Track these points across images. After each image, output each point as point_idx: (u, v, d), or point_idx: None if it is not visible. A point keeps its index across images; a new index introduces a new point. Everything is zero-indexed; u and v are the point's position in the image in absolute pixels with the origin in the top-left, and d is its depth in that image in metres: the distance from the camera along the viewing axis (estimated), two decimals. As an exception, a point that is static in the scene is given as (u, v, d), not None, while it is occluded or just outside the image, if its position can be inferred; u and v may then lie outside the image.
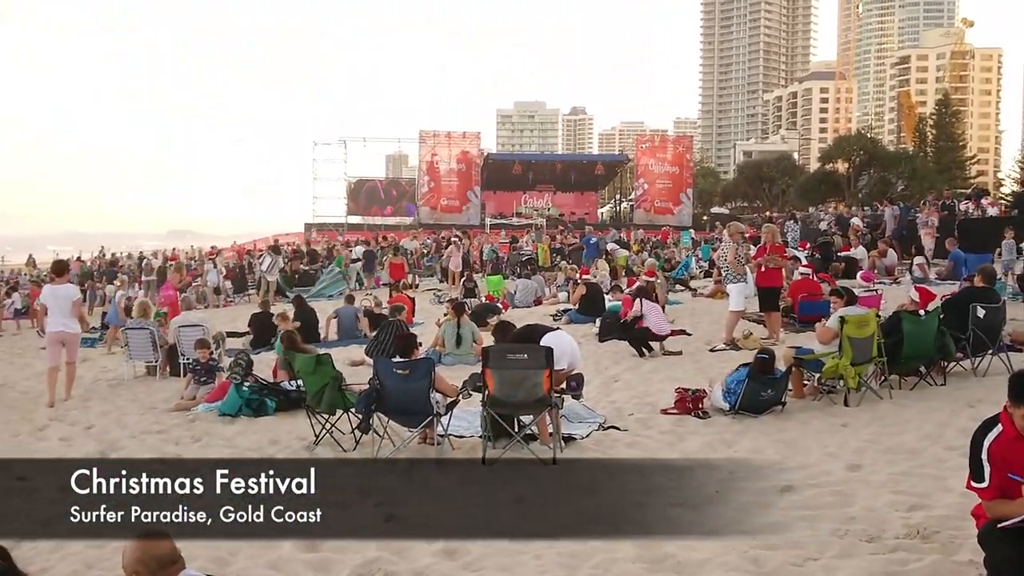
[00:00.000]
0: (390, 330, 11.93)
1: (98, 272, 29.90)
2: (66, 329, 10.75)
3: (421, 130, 51.21)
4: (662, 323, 12.41)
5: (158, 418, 9.64)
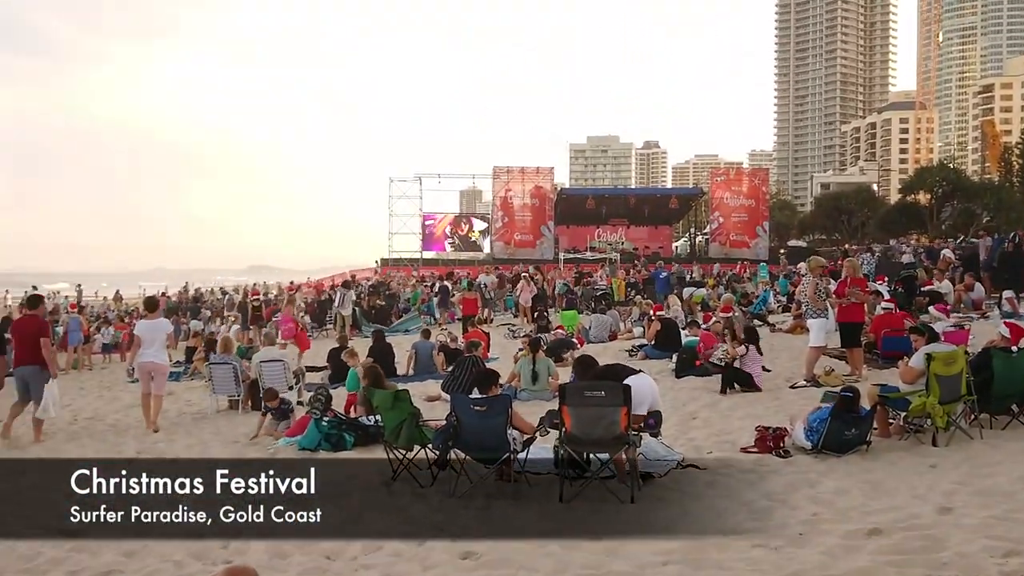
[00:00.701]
0: (467, 366, 11.99)
1: (183, 307, 30.69)
2: (156, 360, 11.62)
3: (495, 166, 51.64)
4: (760, 374, 12.18)
5: (240, 452, 9.83)
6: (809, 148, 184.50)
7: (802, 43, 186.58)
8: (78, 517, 6.12)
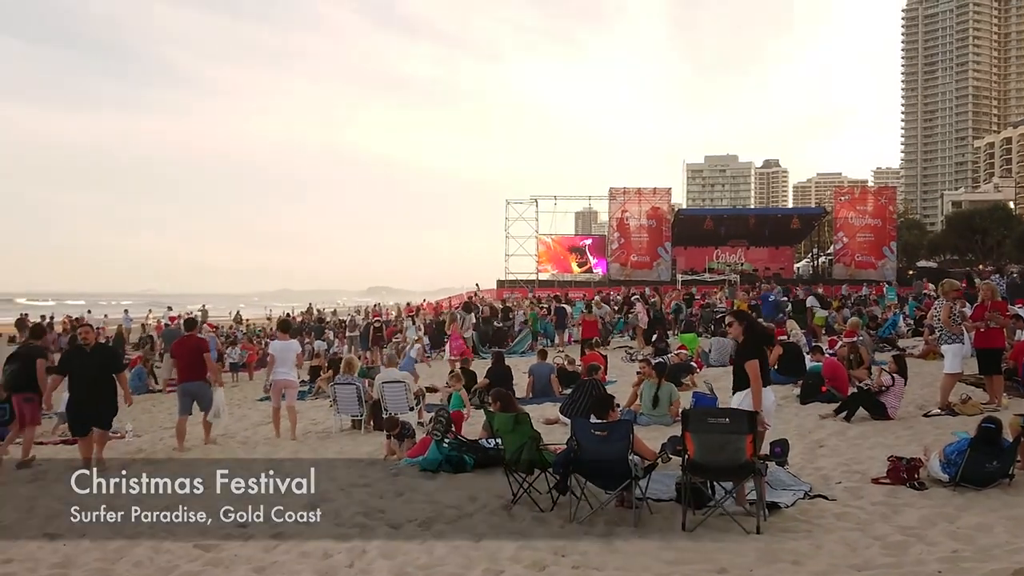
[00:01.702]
0: (586, 389, 11.93)
1: (307, 328, 31.60)
2: (288, 377, 13.11)
3: (611, 187, 51.46)
4: (896, 407, 11.70)
5: (363, 471, 10.01)
6: (939, 165, 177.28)
7: (931, 56, 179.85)
8: (78, 517, 7.81)
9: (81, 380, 10.73)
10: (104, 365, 10.87)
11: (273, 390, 13.36)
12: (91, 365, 10.71)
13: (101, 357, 10.96)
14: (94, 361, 10.76)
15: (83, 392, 10.73)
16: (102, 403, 10.74)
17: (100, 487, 9.64)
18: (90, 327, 11.71)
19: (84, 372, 10.71)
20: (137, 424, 15.26)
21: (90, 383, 10.67)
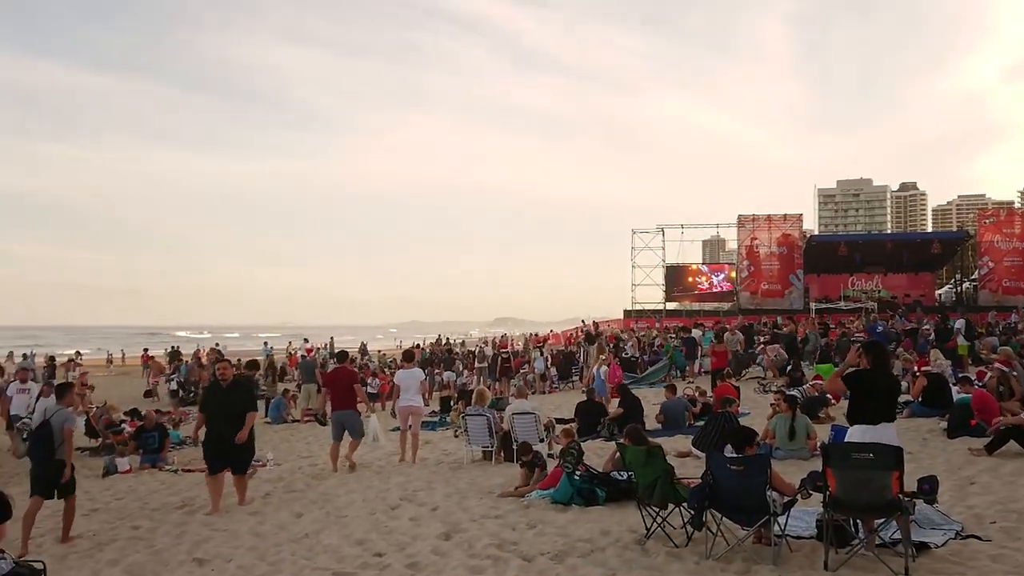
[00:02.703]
0: (719, 422, 11.69)
1: (437, 359, 32.09)
2: (413, 403, 13.86)
3: (740, 214, 50.55)
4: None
5: (495, 503, 10.07)
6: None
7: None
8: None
9: (217, 417, 10.48)
10: (241, 403, 10.61)
11: (400, 416, 14.18)
12: (227, 403, 10.49)
13: (238, 395, 10.67)
14: (231, 399, 10.52)
15: (219, 430, 10.45)
16: (238, 444, 10.39)
17: (241, 518, 10.06)
18: (229, 363, 11.43)
19: (220, 409, 10.49)
20: (277, 453, 15.79)
21: (226, 421, 10.38)
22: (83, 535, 9.57)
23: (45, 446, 9.22)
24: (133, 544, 8.97)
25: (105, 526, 10.08)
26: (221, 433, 10.38)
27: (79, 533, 9.67)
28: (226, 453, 10.41)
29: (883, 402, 7.27)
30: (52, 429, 9.19)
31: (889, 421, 7.17)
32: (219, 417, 10.45)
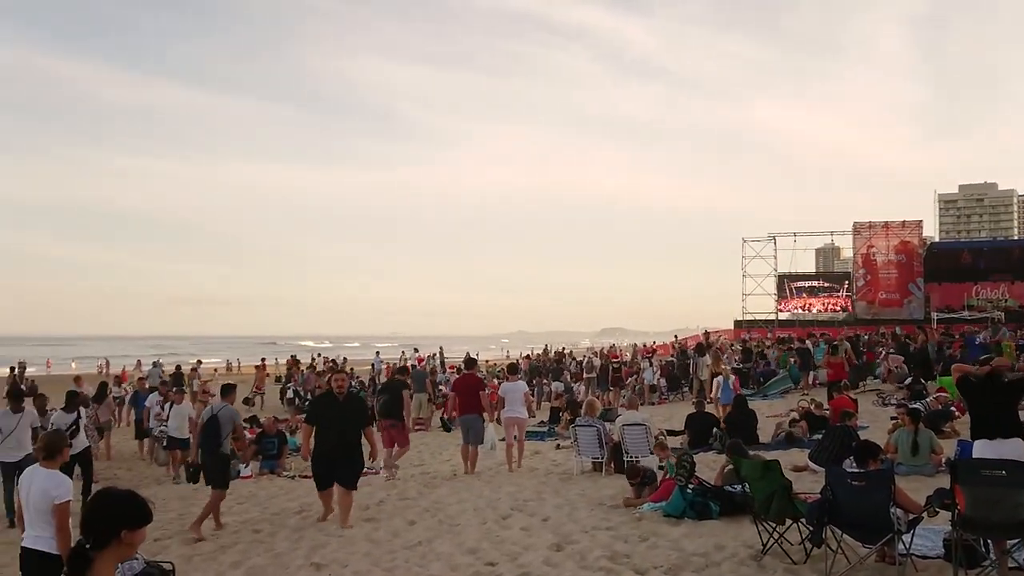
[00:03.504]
0: (838, 435, 11.35)
1: (544, 369, 32.09)
2: (518, 415, 14.28)
3: (855, 221, 49.07)
4: None
5: (606, 514, 10.00)
6: None
7: None
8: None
9: (329, 431, 9.99)
10: (355, 417, 10.15)
11: (505, 427, 14.51)
12: (341, 417, 9.98)
13: (352, 408, 10.21)
14: (344, 413, 10.01)
15: (330, 444, 9.95)
16: (348, 458, 9.97)
17: (356, 524, 10.24)
18: (345, 375, 10.99)
19: (332, 424, 9.98)
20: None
21: (339, 435, 9.91)
22: (207, 538, 9.93)
23: (212, 439, 10.43)
24: (254, 547, 9.25)
25: (227, 529, 10.42)
26: (333, 447, 9.89)
27: (204, 536, 10.05)
28: (336, 467, 9.93)
29: (1000, 415, 6.96)
30: (219, 424, 10.44)
31: (1013, 436, 6.85)
32: (332, 430, 9.94)
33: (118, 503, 3.07)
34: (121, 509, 3.05)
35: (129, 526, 3.02)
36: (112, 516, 3.02)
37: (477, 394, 14.07)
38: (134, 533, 3.03)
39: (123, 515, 3.03)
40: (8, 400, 11.91)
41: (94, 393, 17.80)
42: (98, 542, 3.00)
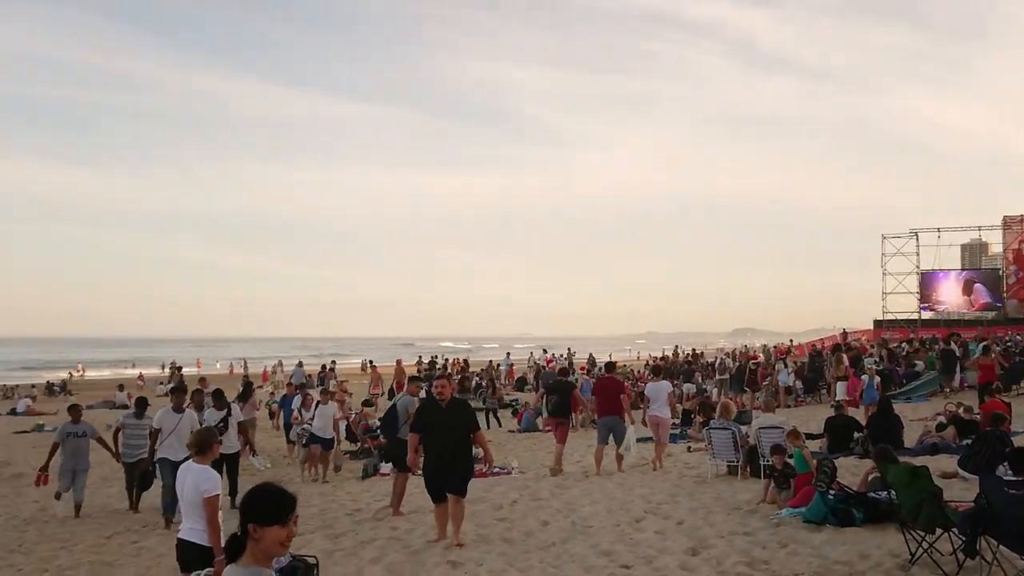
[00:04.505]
0: (988, 441, 10.79)
1: (676, 370, 31.71)
2: (660, 415, 14.65)
3: (1005, 216, 46.56)
4: None
5: (743, 519, 9.80)
6: None
7: None
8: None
9: (435, 439, 9.28)
10: (460, 423, 9.34)
11: (650, 425, 14.90)
12: (445, 425, 9.23)
13: (457, 415, 9.39)
14: (448, 419, 9.25)
15: (437, 452, 9.26)
16: (457, 465, 9.25)
17: (490, 523, 10.35)
18: (446, 380, 10.07)
19: (439, 431, 9.23)
20: (521, 461, 16.17)
21: (445, 442, 9.18)
22: (346, 533, 10.23)
23: (391, 426, 11.73)
24: (392, 544, 9.47)
25: (366, 526, 10.71)
26: (441, 455, 9.18)
27: (342, 531, 10.36)
28: (444, 478, 9.24)
29: None
30: (397, 412, 11.58)
31: None
32: (438, 438, 9.22)
33: (252, 498, 3.08)
34: (252, 504, 3.06)
35: (258, 521, 3.03)
36: (246, 510, 3.07)
37: (618, 396, 14.38)
38: (264, 529, 3.01)
39: (252, 510, 3.06)
40: (170, 399, 12.46)
41: (240, 392, 18.53)
42: (245, 533, 3.07)
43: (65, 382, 48.61)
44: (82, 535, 11.51)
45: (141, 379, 47.85)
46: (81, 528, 12.02)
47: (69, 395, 41.97)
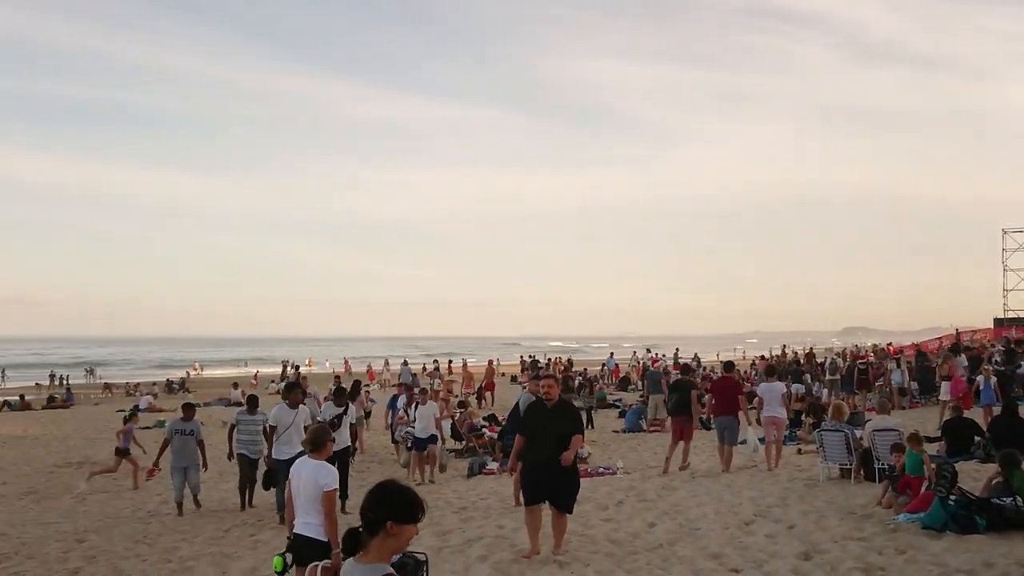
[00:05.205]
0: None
1: (782, 370, 31.03)
2: (776, 414, 14.57)
3: None
4: None
5: (858, 524, 9.52)
6: None
7: None
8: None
9: (536, 441, 8.72)
10: (565, 426, 8.72)
11: (765, 425, 14.87)
12: (552, 427, 8.65)
13: (563, 417, 8.82)
14: (554, 422, 8.68)
15: (539, 456, 8.63)
16: (563, 475, 8.57)
17: (596, 524, 10.32)
18: (554, 380, 9.43)
19: (542, 435, 8.66)
20: (626, 461, 16.08)
21: (548, 446, 8.53)
22: (453, 531, 10.35)
23: (512, 423, 12.70)
24: (499, 543, 9.53)
25: (471, 524, 10.82)
26: (546, 459, 8.52)
27: (450, 528, 10.49)
28: (549, 483, 8.64)
29: None
30: (519, 409, 11.90)
31: None
32: (541, 442, 8.64)
33: (391, 496, 3.25)
34: (392, 502, 3.23)
35: (397, 519, 3.19)
36: (383, 507, 3.21)
37: (735, 396, 14.44)
38: (401, 527, 3.19)
39: (392, 508, 3.21)
40: (284, 396, 12.75)
41: (349, 390, 18.92)
42: (369, 529, 3.20)
43: (183, 380, 50.60)
44: (202, 527, 11.99)
45: (255, 378, 49.49)
46: (201, 521, 12.51)
47: (187, 393, 43.72)
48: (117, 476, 16.49)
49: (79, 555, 10.64)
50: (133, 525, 12.45)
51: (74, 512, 13.81)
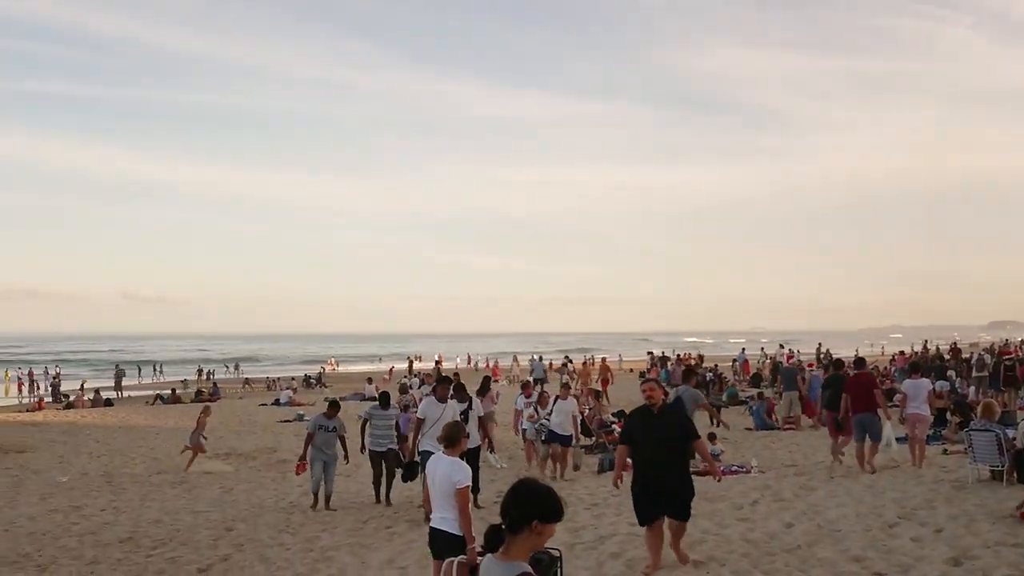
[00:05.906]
0: None
1: (925, 367, 29.82)
2: (918, 411, 14.28)
3: None
4: None
5: (1011, 529, 9.04)
6: None
7: None
8: None
9: (645, 452, 8.07)
10: (671, 433, 8.07)
11: (908, 423, 14.57)
12: (656, 436, 8.01)
13: (669, 423, 8.15)
14: (659, 430, 8.03)
15: (648, 467, 8.04)
16: (675, 484, 8.06)
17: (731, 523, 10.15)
18: (655, 384, 8.50)
19: (648, 443, 8.04)
20: (760, 460, 15.73)
21: (653, 455, 7.97)
22: (586, 527, 10.37)
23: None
24: (631, 540, 9.47)
25: (603, 520, 10.81)
26: (656, 470, 7.98)
27: (582, 525, 10.51)
28: (663, 495, 8.07)
29: None
30: (683, 404, 12.19)
31: None
32: (650, 449, 8.01)
33: (536, 495, 3.32)
34: (538, 501, 3.30)
35: (542, 518, 3.25)
36: (529, 505, 3.27)
37: (872, 392, 14.02)
38: (545, 526, 3.27)
39: (538, 507, 3.28)
40: (434, 391, 12.97)
41: (478, 387, 19.15)
42: (512, 526, 3.26)
43: (320, 375, 52.35)
44: (341, 519, 12.42)
45: (389, 373, 50.78)
46: (340, 512, 12.93)
47: (324, 387, 45.24)
48: (261, 468, 17.24)
49: (228, 542, 11.20)
50: (276, 515, 13.00)
51: (222, 501, 14.51)
